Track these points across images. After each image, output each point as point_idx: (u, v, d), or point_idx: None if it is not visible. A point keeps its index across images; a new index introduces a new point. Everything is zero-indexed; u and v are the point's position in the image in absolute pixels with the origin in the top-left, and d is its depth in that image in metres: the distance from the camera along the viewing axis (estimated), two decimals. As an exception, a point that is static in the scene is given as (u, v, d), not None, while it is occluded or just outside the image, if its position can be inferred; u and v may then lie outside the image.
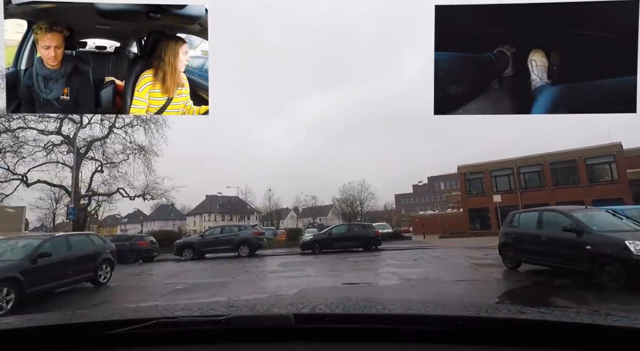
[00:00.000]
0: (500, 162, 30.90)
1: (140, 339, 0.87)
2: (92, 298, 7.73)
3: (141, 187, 27.93)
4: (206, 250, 16.86)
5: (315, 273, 9.91)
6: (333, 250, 16.73)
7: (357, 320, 0.97)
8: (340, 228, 18.20)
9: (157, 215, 71.43)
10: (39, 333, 0.92)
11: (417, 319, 0.97)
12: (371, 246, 16.92)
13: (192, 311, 1.10)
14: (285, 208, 78.99)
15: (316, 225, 57.11)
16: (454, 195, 59.25)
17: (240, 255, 16.56)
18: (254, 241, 16.85)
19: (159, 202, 74.53)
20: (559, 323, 0.91)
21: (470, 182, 32.55)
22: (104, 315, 1.08)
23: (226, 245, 16.74)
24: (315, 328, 0.90)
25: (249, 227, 17.48)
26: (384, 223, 26.23)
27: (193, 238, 17.32)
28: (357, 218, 55.37)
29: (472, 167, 32.25)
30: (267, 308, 1.09)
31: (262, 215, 72.21)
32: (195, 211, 73.02)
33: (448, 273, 8.98)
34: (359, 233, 17.28)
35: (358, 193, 62.38)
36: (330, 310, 1.04)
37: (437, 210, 56.76)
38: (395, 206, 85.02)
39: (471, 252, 14.19)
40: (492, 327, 0.92)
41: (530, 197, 28.71)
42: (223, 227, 17.82)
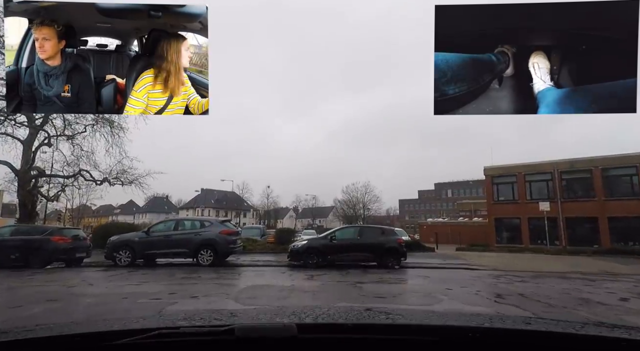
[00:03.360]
0: (538, 165, 25.19)
1: (143, 349, 0.85)
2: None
3: (108, 170, 22.60)
4: (152, 253, 11.33)
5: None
6: (335, 262, 11.18)
7: (360, 330, 0.94)
8: (346, 232, 12.39)
9: (150, 207, 66.15)
10: (42, 344, 0.88)
11: (420, 329, 0.94)
12: (392, 261, 11.31)
13: (194, 321, 1.03)
14: (284, 207, 73.60)
15: (315, 227, 51.79)
16: (465, 203, 53.65)
17: (201, 264, 11.04)
18: (221, 243, 11.28)
19: (154, 194, 69.98)
20: (564, 334, 0.90)
21: (499, 187, 26.84)
22: (107, 325, 1.03)
23: (180, 248, 11.19)
24: (317, 338, 0.89)
25: (216, 222, 11.85)
26: (400, 228, 20.53)
27: (133, 236, 11.67)
28: (358, 222, 49.44)
29: (503, 169, 26.54)
30: (269, 317, 1.08)
31: (260, 213, 66.74)
32: (188, 204, 67.36)
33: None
34: (374, 240, 11.60)
35: (362, 195, 56.69)
36: (333, 319, 1.03)
37: (446, 218, 50.84)
38: (398, 212, 79.10)
39: (571, 283, 8.53)
40: (497, 338, 0.89)
41: (574, 209, 23.01)
42: (179, 221, 12.16)
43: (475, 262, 13.58)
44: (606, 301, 6.26)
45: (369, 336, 0.88)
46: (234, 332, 0.83)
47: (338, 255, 11.34)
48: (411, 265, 11.82)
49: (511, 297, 6.60)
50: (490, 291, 7.04)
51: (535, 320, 1.01)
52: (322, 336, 0.89)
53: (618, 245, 20.76)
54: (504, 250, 21.63)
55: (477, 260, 14.71)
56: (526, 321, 1.00)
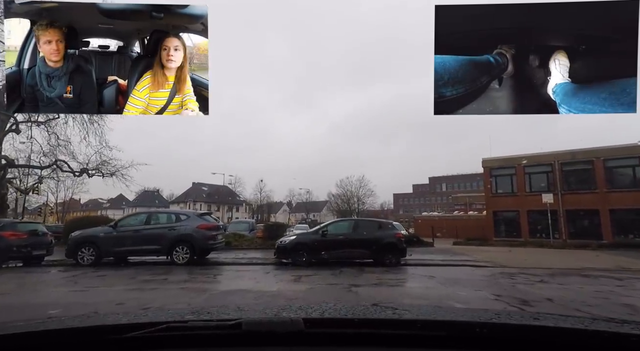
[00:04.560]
0: (538, 156, 24.11)
1: (151, 343, 0.84)
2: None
3: (90, 160, 20.97)
4: (120, 251, 9.89)
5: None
6: (327, 259, 9.88)
7: (367, 325, 0.93)
8: (340, 226, 10.99)
9: (139, 201, 64.18)
10: (51, 336, 0.88)
11: (428, 324, 0.91)
12: (390, 257, 10.03)
13: (202, 315, 1.00)
14: (278, 201, 72.11)
15: (309, 221, 50.41)
16: (460, 197, 52.75)
17: (176, 262, 9.65)
18: (199, 239, 9.88)
19: (145, 187, 67.96)
20: (574, 330, 0.88)
21: (497, 179, 25.75)
22: (115, 319, 1.05)
23: (152, 244, 9.76)
24: (324, 332, 0.88)
25: (194, 216, 10.40)
26: (397, 222, 19.31)
27: (97, 231, 10.13)
28: (353, 216, 48.19)
29: (501, 161, 25.45)
30: (276, 312, 1.05)
31: (253, 208, 65.17)
32: (179, 199, 65.23)
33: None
34: (370, 235, 10.31)
35: (356, 189, 55.46)
36: (340, 314, 1.02)
37: (441, 212, 49.94)
38: (393, 206, 78.13)
39: (584, 280, 7.33)
40: (505, 333, 0.88)
41: (574, 201, 22.03)
42: (151, 214, 10.65)
43: (479, 258, 12.39)
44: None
45: (376, 332, 0.88)
46: (242, 326, 0.83)
47: (330, 251, 10.01)
48: (411, 262, 10.58)
49: (540, 304, 5.35)
50: (511, 296, 5.80)
51: (543, 315, 1.00)
52: (329, 331, 0.88)
53: (619, 237, 19.91)
54: (503, 244, 20.63)
55: (480, 255, 13.54)
56: (534, 316, 1.01)
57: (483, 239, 23.11)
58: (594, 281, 7.36)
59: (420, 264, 10.42)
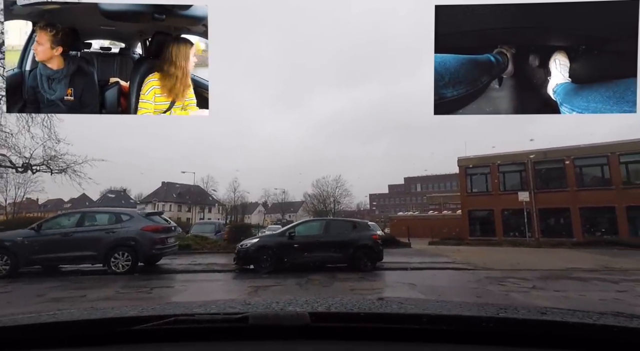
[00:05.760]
0: (512, 155, 23.98)
1: (159, 335, 0.84)
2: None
3: (37, 155, 18.47)
4: (46, 258, 8.11)
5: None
6: (295, 264, 8.58)
7: (373, 319, 0.91)
8: (310, 227, 9.67)
9: (104, 201, 60.02)
10: (62, 328, 0.89)
11: (434, 319, 0.90)
12: (366, 262, 8.87)
13: (209, 309, 1.01)
14: (253, 202, 69.86)
15: (284, 222, 48.79)
16: (435, 197, 52.96)
17: (115, 271, 8.02)
18: (143, 244, 8.28)
19: (112, 186, 63.73)
20: (581, 324, 0.86)
21: (472, 178, 25.48)
22: (122, 312, 1.03)
23: (85, 250, 8.07)
24: (330, 326, 0.87)
25: (138, 216, 8.78)
26: (373, 222, 18.32)
27: (13, 235, 8.26)
28: (328, 216, 47.16)
29: (476, 160, 25.15)
30: (282, 306, 1.04)
31: (226, 208, 62.58)
32: (147, 198, 61.54)
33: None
34: (344, 236, 9.11)
35: (332, 189, 54.46)
36: (345, 309, 1.01)
37: (416, 211, 49.90)
38: (369, 206, 77.89)
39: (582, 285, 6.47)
40: (512, 328, 0.86)
41: (546, 200, 22.02)
42: (86, 214, 8.89)
43: (458, 259, 11.53)
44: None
45: (382, 326, 0.88)
46: (248, 320, 0.84)
47: (298, 255, 8.74)
48: (388, 265, 9.50)
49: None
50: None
51: (551, 309, 0.98)
52: (334, 325, 0.87)
53: (589, 235, 20.00)
54: (478, 244, 20.22)
55: (458, 255, 12.72)
56: (542, 311, 0.98)
57: (458, 239, 22.71)
58: (591, 286, 6.53)
59: (399, 268, 9.34)
